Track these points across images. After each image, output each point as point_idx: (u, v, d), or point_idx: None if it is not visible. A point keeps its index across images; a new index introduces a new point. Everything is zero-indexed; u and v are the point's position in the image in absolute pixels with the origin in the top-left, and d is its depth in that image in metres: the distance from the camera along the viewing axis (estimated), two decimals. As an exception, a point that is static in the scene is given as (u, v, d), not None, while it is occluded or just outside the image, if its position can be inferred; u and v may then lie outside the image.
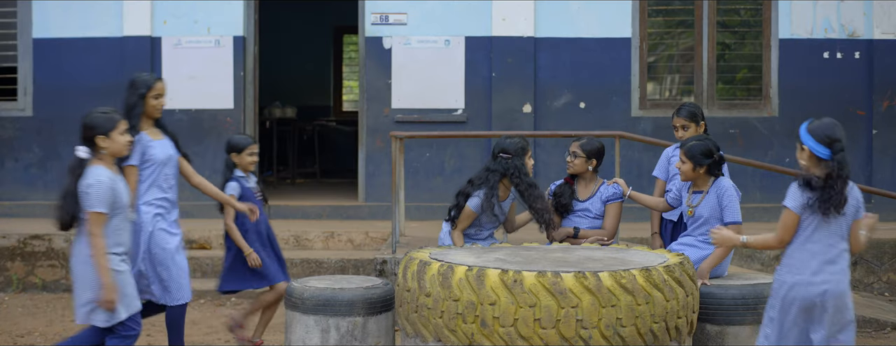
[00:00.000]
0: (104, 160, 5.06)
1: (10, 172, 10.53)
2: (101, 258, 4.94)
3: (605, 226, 6.36)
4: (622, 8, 10.25)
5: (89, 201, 4.94)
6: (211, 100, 10.36)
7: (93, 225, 4.94)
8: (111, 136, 5.05)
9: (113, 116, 5.09)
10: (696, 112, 6.36)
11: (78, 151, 5.04)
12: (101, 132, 5.03)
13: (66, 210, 5.01)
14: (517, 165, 6.16)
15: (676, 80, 10.62)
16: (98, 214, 4.94)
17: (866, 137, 10.24)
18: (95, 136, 5.03)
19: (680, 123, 6.33)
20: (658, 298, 4.75)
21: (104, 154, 5.06)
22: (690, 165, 5.63)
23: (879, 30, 10.17)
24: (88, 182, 4.97)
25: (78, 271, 5.04)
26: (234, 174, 6.48)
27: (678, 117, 6.34)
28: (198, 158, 10.33)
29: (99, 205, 4.94)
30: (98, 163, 5.04)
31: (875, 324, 7.54)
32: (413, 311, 4.94)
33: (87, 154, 5.04)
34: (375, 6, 10.30)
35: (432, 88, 10.27)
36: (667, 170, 6.47)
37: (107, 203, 4.96)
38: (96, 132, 5.03)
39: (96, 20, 10.39)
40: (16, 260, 8.89)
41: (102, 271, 4.93)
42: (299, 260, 8.76)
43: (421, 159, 10.24)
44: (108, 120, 5.05)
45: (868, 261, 8.80)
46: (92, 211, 4.94)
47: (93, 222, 4.94)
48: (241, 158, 6.48)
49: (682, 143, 5.84)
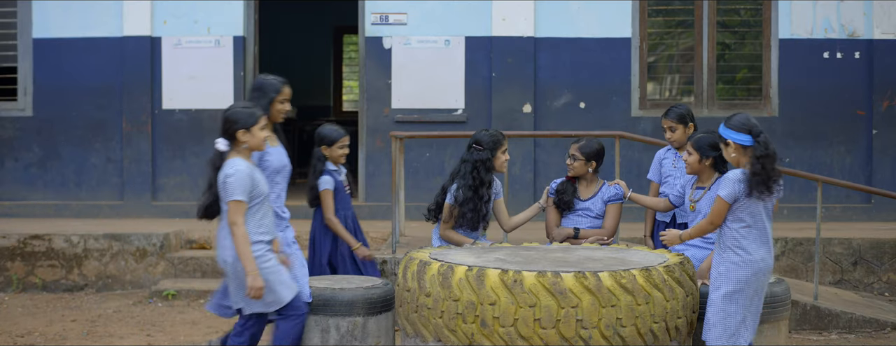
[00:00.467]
0: (242, 154, 5.11)
1: (10, 172, 10.53)
2: (245, 247, 4.99)
3: (605, 226, 6.38)
4: (622, 8, 10.25)
5: (229, 190, 4.98)
6: (211, 100, 10.36)
7: (234, 214, 4.98)
8: (252, 130, 5.08)
9: (255, 111, 5.13)
10: (685, 114, 6.38)
11: (218, 144, 5.08)
12: (243, 126, 5.06)
13: (208, 202, 5.09)
14: (484, 158, 6.18)
15: (676, 80, 10.63)
16: (238, 202, 4.98)
17: (866, 137, 10.25)
18: (237, 130, 5.06)
19: (668, 124, 6.39)
20: (658, 298, 4.75)
21: (244, 148, 5.10)
22: (697, 157, 5.64)
23: (879, 30, 10.17)
24: (227, 172, 5.00)
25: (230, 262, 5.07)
26: (327, 167, 6.36)
27: (666, 119, 6.40)
28: (197, 159, 10.38)
29: (239, 194, 4.98)
30: (236, 155, 5.09)
31: (875, 324, 7.54)
32: (413, 311, 4.94)
33: (226, 147, 5.08)
34: (375, 6, 10.30)
35: (432, 88, 10.27)
36: (659, 172, 6.51)
37: (246, 192, 5.00)
38: (238, 126, 5.06)
39: (96, 20, 10.40)
40: (16, 260, 8.89)
41: (246, 259, 4.98)
42: (299, 260, 8.75)
43: (421, 159, 10.24)
44: (251, 115, 5.09)
45: (868, 261, 8.80)
46: (232, 200, 4.98)
47: (234, 211, 4.98)
48: (331, 150, 6.36)
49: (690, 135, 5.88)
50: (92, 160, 10.48)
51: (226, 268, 5.11)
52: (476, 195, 6.21)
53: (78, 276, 8.88)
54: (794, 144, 10.27)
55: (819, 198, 7.65)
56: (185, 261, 8.85)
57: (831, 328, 7.56)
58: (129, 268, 8.88)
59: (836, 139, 10.29)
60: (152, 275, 8.86)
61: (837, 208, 10.10)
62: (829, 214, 9.87)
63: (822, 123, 10.28)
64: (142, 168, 10.36)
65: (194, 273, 8.81)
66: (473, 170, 6.21)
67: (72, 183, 10.50)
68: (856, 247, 8.80)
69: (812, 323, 7.56)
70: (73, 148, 10.48)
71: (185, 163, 10.40)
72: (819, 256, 7.86)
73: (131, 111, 10.34)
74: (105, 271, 8.88)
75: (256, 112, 5.12)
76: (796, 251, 8.82)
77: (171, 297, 8.39)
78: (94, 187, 10.49)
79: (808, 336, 7.41)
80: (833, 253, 8.80)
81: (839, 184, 8.14)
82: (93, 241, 8.91)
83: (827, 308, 7.58)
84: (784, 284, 5.72)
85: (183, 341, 7.09)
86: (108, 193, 10.47)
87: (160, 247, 8.90)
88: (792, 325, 7.45)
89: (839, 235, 8.95)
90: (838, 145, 10.29)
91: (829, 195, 9.95)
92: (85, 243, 8.90)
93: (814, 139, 10.29)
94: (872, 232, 9.18)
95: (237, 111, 5.10)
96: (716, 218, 4.98)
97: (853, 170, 10.26)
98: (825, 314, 7.56)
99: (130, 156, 10.36)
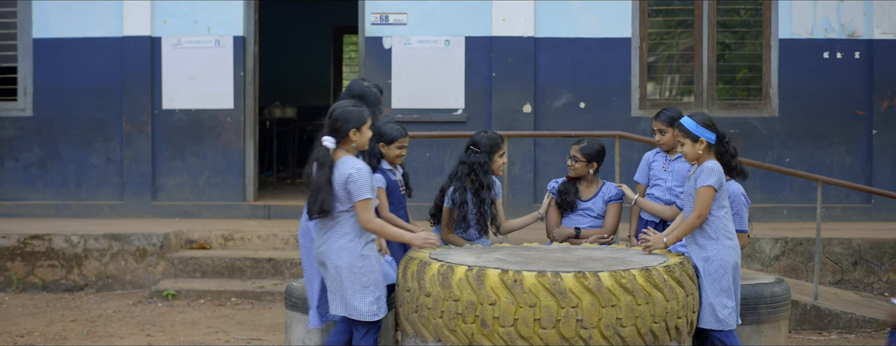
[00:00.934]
0: (350, 152, 5.08)
1: (10, 172, 10.53)
2: (392, 231, 5.08)
3: (605, 225, 6.37)
4: (622, 8, 10.25)
5: (357, 189, 4.94)
6: (211, 100, 10.36)
7: (365, 211, 4.95)
8: (362, 130, 5.07)
9: (364, 110, 5.12)
10: (676, 116, 6.33)
11: (325, 141, 5.01)
12: (355, 126, 5.04)
13: (322, 202, 4.96)
14: (482, 160, 6.13)
15: (676, 80, 10.63)
16: (368, 201, 4.97)
17: (866, 137, 10.24)
18: (350, 129, 5.03)
19: (658, 126, 6.33)
20: (658, 298, 4.75)
21: (352, 147, 5.08)
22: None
23: (879, 30, 10.17)
24: (350, 172, 4.96)
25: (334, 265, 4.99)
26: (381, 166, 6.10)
27: (657, 121, 6.35)
28: (197, 159, 10.38)
29: (368, 192, 4.96)
30: (344, 153, 5.05)
31: (875, 324, 7.54)
32: (413, 311, 4.94)
33: (333, 144, 5.03)
34: (375, 6, 10.30)
35: (432, 88, 10.27)
36: (648, 175, 6.48)
37: (371, 189, 5.01)
38: (351, 126, 5.03)
39: (96, 20, 10.39)
40: (16, 260, 8.89)
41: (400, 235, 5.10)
42: (299, 260, 8.75)
43: (421, 159, 10.24)
44: (361, 114, 5.08)
45: (868, 261, 8.80)
46: (362, 199, 4.95)
47: (365, 209, 4.95)
48: (389, 149, 6.08)
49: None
50: (92, 160, 10.48)
51: (338, 273, 5.00)
52: (477, 198, 6.15)
53: (78, 276, 8.88)
54: (794, 144, 10.27)
55: (819, 198, 7.65)
56: (185, 261, 8.85)
57: (831, 328, 7.56)
58: (129, 268, 8.88)
59: (836, 139, 10.29)
60: (152, 275, 8.86)
61: (837, 208, 10.10)
62: (829, 214, 9.87)
63: (822, 123, 10.28)
64: (142, 168, 10.36)
65: (194, 273, 8.82)
66: (470, 172, 6.16)
67: (72, 183, 10.49)
68: (856, 247, 8.80)
69: (812, 323, 7.56)
70: (73, 148, 10.48)
71: (185, 163, 10.40)
72: (819, 256, 7.86)
73: (131, 111, 10.34)
74: (105, 271, 8.88)
75: (365, 112, 5.10)
76: (796, 251, 8.82)
77: (171, 297, 8.39)
78: (94, 187, 10.48)
79: (808, 336, 7.41)
80: (833, 253, 8.80)
81: (839, 184, 8.14)
82: (93, 241, 8.91)
83: (827, 308, 7.58)
84: (784, 284, 5.73)
85: (183, 341, 7.09)
86: (108, 193, 10.47)
87: (160, 247, 8.90)
88: (792, 325, 7.45)
89: (839, 235, 8.95)
90: (838, 145, 10.29)
91: (829, 195, 9.95)
92: (85, 243, 8.90)
93: (814, 139, 10.28)
94: (872, 232, 9.18)
95: (349, 110, 5.06)
96: (704, 209, 5.12)
97: (853, 170, 10.26)
98: (825, 314, 7.57)
99: (130, 156, 10.36)
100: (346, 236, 4.99)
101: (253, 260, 8.80)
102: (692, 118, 5.29)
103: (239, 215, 10.29)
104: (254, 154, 10.54)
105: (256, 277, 8.75)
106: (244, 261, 8.80)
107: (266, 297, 8.35)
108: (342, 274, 4.97)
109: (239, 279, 8.72)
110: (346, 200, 4.97)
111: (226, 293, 8.41)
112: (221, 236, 9.31)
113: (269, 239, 9.28)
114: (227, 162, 10.39)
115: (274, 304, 8.23)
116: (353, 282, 4.96)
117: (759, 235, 8.86)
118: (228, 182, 10.40)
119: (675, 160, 6.31)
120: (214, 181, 10.42)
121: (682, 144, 5.31)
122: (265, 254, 8.94)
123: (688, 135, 5.26)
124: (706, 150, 5.23)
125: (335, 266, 4.99)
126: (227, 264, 8.79)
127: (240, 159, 10.40)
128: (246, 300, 8.37)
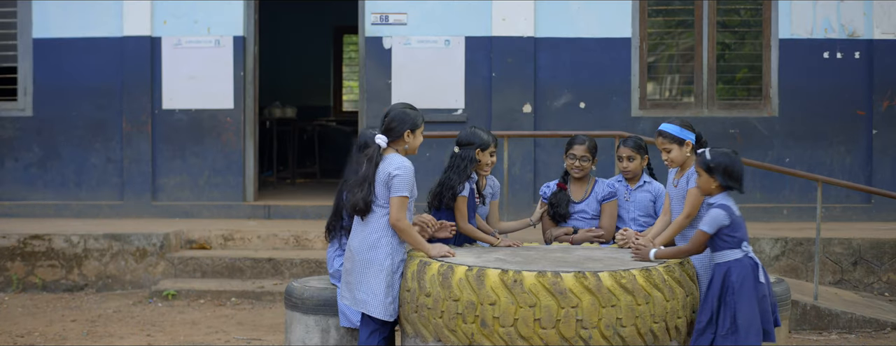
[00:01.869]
0: (399, 152, 5.16)
1: (10, 172, 10.53)
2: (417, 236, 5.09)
3: (602, 225, 6.26)
4: (622, 8, 10.25)
5: (396, 186, 5.01)
6: (211, 100, 10.36)
7: (398, 209, 5.01)
8: (415, 132, 5.19)
9: (420, 114, 5.25)
10: (642, 144, 6.26)
11: (378, 139, 5.12)
12: (410, 127, 5.16)
13: (364, 196, 5.04)
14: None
15: (676, 80, 10.63)
16: (404, 198, 5.02)
17: (866, 137, 10.24)
18: (405, 130, 5.14)
19: (627, 153, 6.15)
20: (658, 298, 4.75)
21: (405, 148, 5.17)
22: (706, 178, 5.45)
23: (879, 30, 10.17)
24: (394, 168, 5.03)
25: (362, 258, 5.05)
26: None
27: (625, 148, 6.15)
28: (197, 159, 10.38)
29: (405, 190, 5.02)
30: (394, 152, 5.14)
31: (875, 324, 7.54)
32: (413, 311, 4.94)
33: (385, 143, 5.12)
34: (375, 6, 10.30)
35: (432, 88, 10.27)
36: None
37: (411, 189, 5.06)
38: (406, 127, 5.15)
39: (96, 20, 10.39)
40: (16, 260, 8.89)
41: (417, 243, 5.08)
42: (299, 260, 8.76)
43: (421, 159, 10.22)
44: (418, 116, 5.20)
45: (868, 261, 8.80)
46: (398, 195, 5.00)
47: (399, 206, 5.01)
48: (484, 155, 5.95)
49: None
50: (92, 160, 10.48)
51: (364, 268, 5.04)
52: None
53: (78, 276, 8.88)
54: (794, 144, 10.27)
55: (819, 198, 7.65)
56: (185, 261, 8.85)
57: (831, 328, 7.56)
58: (129, 268, 8.88)
59: (836, 139, 10.29)
60: (152, 275, 8.86)
61: (837, 208, 10.10)
62: (829, 214, 9.87)
63: (822, 123, 10.28)
64: (142, 168, 10.36)
65: (194, 273, 8.82)
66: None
67: (72, 183, 10.49)
68: (856, 247, 8.80)
69: (812, 323, 7.56)
70: (73, 148, 10.48)
71: (185, 163, 10.40)
72: (819, 256, 7.86)
73: (131, 111, 10.34)
74: (105, 271, 8.88)
75: (421, 117, 5.23)
76: (796, 251, 8.82)
77: (171, 297, 8.39)
78: (94, 187, 10.48)
79: (808, 336, 7.41)
80: (833, 253, 8.80)
81: (839, 184, 8.14)
82: (93, 241, 8.91)
83: (827, 308, 7.58)
84: (784, 284, 5.72)
85: (183, 341, 7.09)
86: (108, 193, 10.47)
87: (160, 247, 8.90)
88: (792, 325, 7.44)
89: (839, 235, 8.95)
90: (838, 145, 10.29)
91: (829, 195, 9.94)
92: (85, 243, 8.90)
93: (814, 139, 10.28)
94: (872, 232, 9.18)
95: (407, 112, 5.17)
96: (693, 209, 5.16)
97: (853, 170, 10.25)
98: (825, 314, 7.57)
99: (130, 156, 10.36)
100: (377, 232, 5.05)
101: (253, 260, 8.80)
102: (671, 123, 5.36)
103: (239, 215, 10.29)
104: (254, 154, 10.54)
105: (256, 277, 8.75)
106: (244, 261, 8.80)
107: (266, 297, 8.35)
108: (368, 270, 5.04)
109: (239, 279, 8.72)
110: (384, 196, 5.04)
111: (226, 293, 8.41)
112: (221, 236, 9.31)
113: (269, 239, 9.28)
114: (227, 162, 10.39)
115: (274, 304, 8.23)
116: (377, 279, 5.02)
117: (759, 235, 8.86)
118: (228, 182, 10.40)
119: (637, 190, 6.22)
120: (214, 181, 10.42)
121: (667, 151, 5.36)
122: (265, 254, 8.94)
123: (673, 140, 5.32)
124: (692, 152, 5.33)
125: (363, 261, 5.05)
126: (227, 264, 8.79)
127: (240, 159, 10.41)
128: (246, 300, 8.37)
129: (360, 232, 5.11)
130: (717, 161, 4.97)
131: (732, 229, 4.91)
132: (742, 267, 4.86)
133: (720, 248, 4.92)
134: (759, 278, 4.89)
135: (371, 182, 5.04)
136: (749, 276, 4.85)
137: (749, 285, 4.83)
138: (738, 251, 4.90)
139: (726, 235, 4.91)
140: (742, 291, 4.82)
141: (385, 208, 5.05)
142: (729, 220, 4.89)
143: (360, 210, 5.05)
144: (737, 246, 4.90)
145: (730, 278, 4.84)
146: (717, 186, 4.98)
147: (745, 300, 4.81)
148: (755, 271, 4.89)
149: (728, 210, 4.91)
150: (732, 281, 4.83)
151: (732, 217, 4.91)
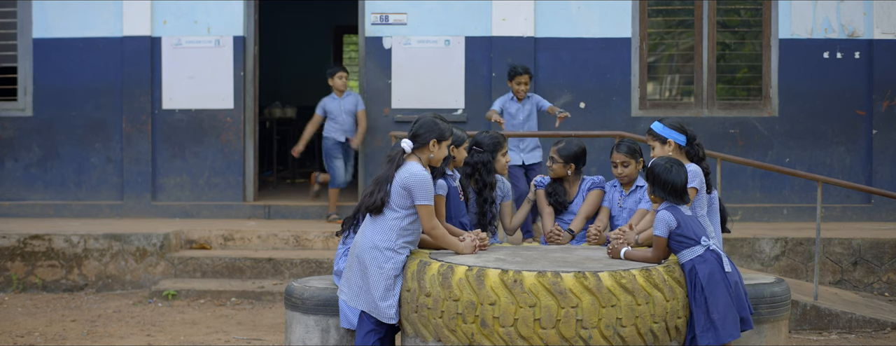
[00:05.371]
0: (421, 160, 5.17)
1: (10, 172, 10.53)
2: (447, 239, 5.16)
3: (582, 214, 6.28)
4: (622, 8, 10.25)
5: (418, 193, 5.04)
6: (211, 100, 10.36)
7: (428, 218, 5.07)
8: (441, 145, 5.20)
9: (451, 128, 5.27)
10: (636, 148, 6.26)
11: (404, 143, 5.14)
12: (438, 138, 5.18)
13: (379, 196, 5.08)
14: (486, 160, 6.13)
15: (676, 80, 10.62)
16: (429, 206, 5.07)
17: (866, 137, 10.24)
18: (431, 139, 5.16)
19: (621, 159, 6.15)
20: (658, 298, 4.75)
21: (430, 157, 5.19)
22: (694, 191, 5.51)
23: (879, 30, 10.16)
24: (407, 175, 5.06)
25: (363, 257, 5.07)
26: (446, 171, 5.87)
27: (618, 153, 6.14)
28: (197, 158, 10.38)
29: (428, 198, 5.06)
30: (414, 160, 5.15)
31: (875, 324, 7.54)
32: (413, 311, 4.94)
33: (410, 148, 5.15)
34: (375, 6, 10.30)
35: (432, 88, 10.27)
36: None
37: (431, 194, 5.09)
38: (435, 136, 5.17)
39: (96, 20, 10.39)
40: (16, 260, 8.89)
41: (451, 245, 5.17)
42: (299, 260, 8.76)
43: (421, 159, 10.23)
44: (447, 130, 5.22)
45: (868, 261, 8.80)
46: (423, 204, 5.05)
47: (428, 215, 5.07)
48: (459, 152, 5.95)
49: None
50: (92, 160, 10.48)
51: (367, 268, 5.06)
52: (480, 198, 6.17)
53: (78, 276, 8.88)
54: (794, 144, 10.26)
55: (819, 198, 7.65)
56: (185, 261, 8.85)
57: (831, 328, 7.56)
58: (129, 268, 8.88)
59: (836, 139, 10.29)
60: (152, 275, 8.86)
61: (837, 208, 10.10)
62: (829, 214, 9.87)
63: (822, 123, 10.28)
64: (142, 168, 10.36)
65: (194, 273, 8.82)
66: (474, 172, 6.17)
67: (72, 183, 10.49)
68: (856, 247, 8.80)
69: (812, 323, 7.56)
70: (72, 148, 10.48)
71: (184, 163, 10.40)
72: (819, 256, 7.86)
73: (131, 111, 10.34)
74: (105, 271, 8.88)
75: (452, 129, 5.27)
76: (796, 251, 8.82)
77: (171, 297, 8.39)
78: (94, 187, 10.48)
79: (808, 336, 7.41)
80: (833, 253, 8.80)
81: (839, 184, 8.14)
82: (93, 241, 8.91)
83: (827, 308, 7.58)
84: (784, 284, 5.72)
85: (183, 341, 7.09)
86: (107, 193, 10.47)
87: (160, 247, 8.90)
88: (792, 325, 7.45)
89: (839, 235, 8.95)
90: (838, 145, 10.29)
91: (829, 195, 9.95)
92: (85, 243, 8.90)
93: (814, 139, 10.28)
94: (872, 232, 9.18)
95: (436, 122, 5.20)
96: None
97: (853, 170, 10.25)
98: (825, 314, 7.57)
99: (130, 156, 10.36)
100: (383, 233, 5.07)
101: (253, 260, 8.80)
102: (662, 122, 5.47)
103: (239, 215, 10.29)
104: (254, 154, 10.54)
105: (256, 277, 8.75)
106: (244, 261, 8.80)
107: (266, 297, 8.35)
108: (371, 270, 5.05)
109: (239, 279, 8.72)
110: (398, 200, 5.06)
111: (226, 293, 8.41)
112: (221, 236, 9.31)
113: (269, 239, 9.28)
114: (227, 162, 10.39)
115: (274, 304, 8.23)
116: (378, 279, 5.03)
117: (759, 235, 8.86)
118: (228, 182, 10.40)
119: (629, 196, 6.23)
120: (214, 181, 10.42)
121: (652, 147, 5.48)
122: (265, 254, 8.94)
123: (656, 138, 5.47)
124: (675, 151, 5.39)
125: (363, 260, 5.08)
126: (227, 264, 8.79)
127: (240, 159, 10.41)
128: (246, 300, 8.37)
129: (367, 230, 5.13)
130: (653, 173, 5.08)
131: (682, 229, 4.96)
132: (705, 262, 4.90)
133: (678, 249, 4.97)
134: (726, 267, 4.93)
135: (390, 183, 5.09)
136: (716, 269, 4.89)
137: (717, 278, 4.88)
138: (699, 247, 4.94)
139: (678, 235, 4.96)
140: (711, 284, 4.86)
141: (396, 212, 5.07)
142: (675, 222, 4.95)
143: (372, 208, 5.10)
144: (696, 243, 4.94)
145: (697, 275, 4.88)
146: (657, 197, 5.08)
147: (716, 292, 4.85)
148: (720, 261, 4.93)
149: (673, 211, 4.99)
150: (700, 278, 4.88)
151: (679, 218, 4.98)
